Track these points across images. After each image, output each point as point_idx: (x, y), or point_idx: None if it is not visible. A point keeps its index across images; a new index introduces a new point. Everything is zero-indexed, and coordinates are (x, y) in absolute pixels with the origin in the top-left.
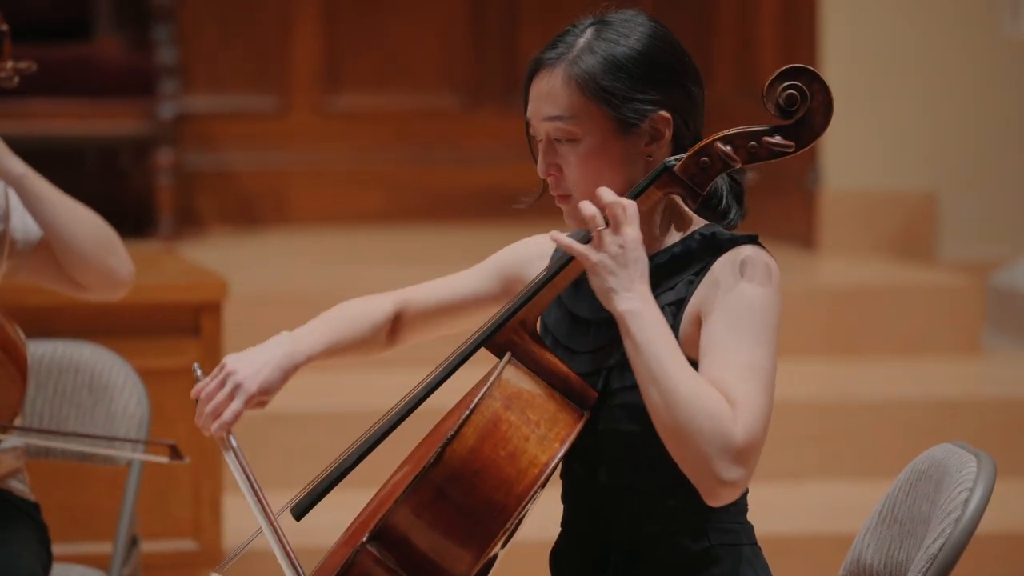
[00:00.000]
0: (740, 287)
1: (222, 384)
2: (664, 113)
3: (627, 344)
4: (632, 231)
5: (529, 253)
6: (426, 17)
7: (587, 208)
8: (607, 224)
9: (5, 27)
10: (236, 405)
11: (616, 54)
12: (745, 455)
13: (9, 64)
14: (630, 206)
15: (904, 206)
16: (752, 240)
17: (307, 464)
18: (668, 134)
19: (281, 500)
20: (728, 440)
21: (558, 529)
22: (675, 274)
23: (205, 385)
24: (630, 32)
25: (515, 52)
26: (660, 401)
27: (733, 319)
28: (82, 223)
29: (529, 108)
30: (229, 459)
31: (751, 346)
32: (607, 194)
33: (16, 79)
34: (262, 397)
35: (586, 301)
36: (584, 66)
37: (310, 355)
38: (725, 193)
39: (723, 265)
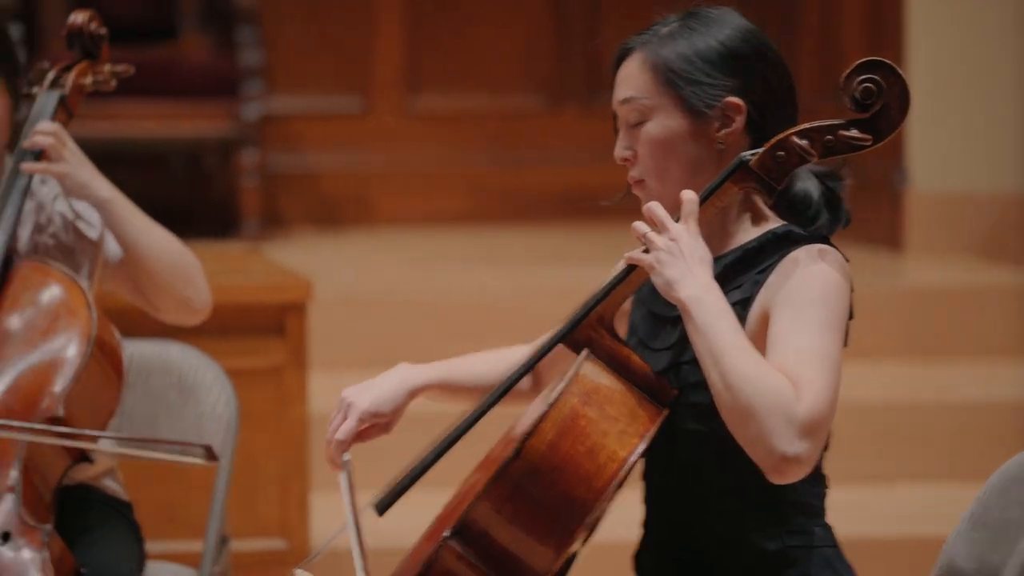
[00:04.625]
0: (805, 278)
1: (339, 411)
2: (735, 99)
3: (689, 329)
4: (679, 225)
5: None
6: (508, 17)
7: (636, 225)
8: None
9: (103, 31)
10: (348, 424)
11: (693, 40)
12: (809, 430)
13: (107, 68)
14: (688, 202)
15: (991, 207)
16: (823, 239)
17: (391, 462)
18: (740, 121)
19: (367, 497)
20: (790, 414)
21: (641, 530)
22: (744, 272)
23: (331, 421)
24: (713, 23)
25: (597, 52)
26: (721, 381)
27: (797, 308)
28: (163, 251)
29: (613, 94)
30: (341, 478)
31: (815, 333)
32: (655, 204)
33: (113, 82)
34: (377, 418)
35: (665, 299)
36: (660, 50)
37: (425, 380)
38: (816, 199)
39: (789, 261)
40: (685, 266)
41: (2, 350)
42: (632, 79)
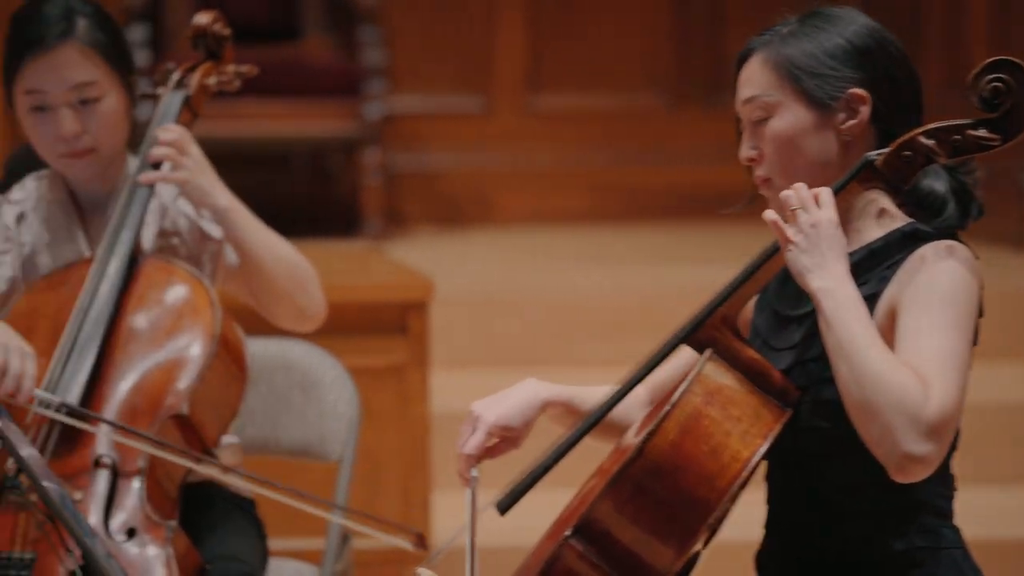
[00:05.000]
0: (933, 275)
1: (468, 424)
2: (859, 90)
3: (820, 321)
4: (825, 213)
5: None
6: (630, 17)
7: (783, 192)
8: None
9: (227, 32)
10: (476, 437)
11: (816, 37)
12: (935, 431)
13: (231, 68)
14: (824, 192)
15: None
16: (950, 235)
17: (513, 463)
18: (865, 112)
19: (490, 496)
20: (917, 413)
21: (763, 531)
22: (870, 269)
23: (460, 435)
24: (836, 21)
25: (720, 51)
26: (850, 375)
27: (926, 306)
28: (279, 260)
29: (736, 97)
30: (467, 495)
31: (944, 331)
32: (802, 185)
33: (237, 83)
34: (506, 432)
35: (792, 298)
36: (782, 48)
37: (554, 396)
38: (942, 193)
39: (917, 258)
40: (821, 255)
41: (128, 349)
42: (754, 78)
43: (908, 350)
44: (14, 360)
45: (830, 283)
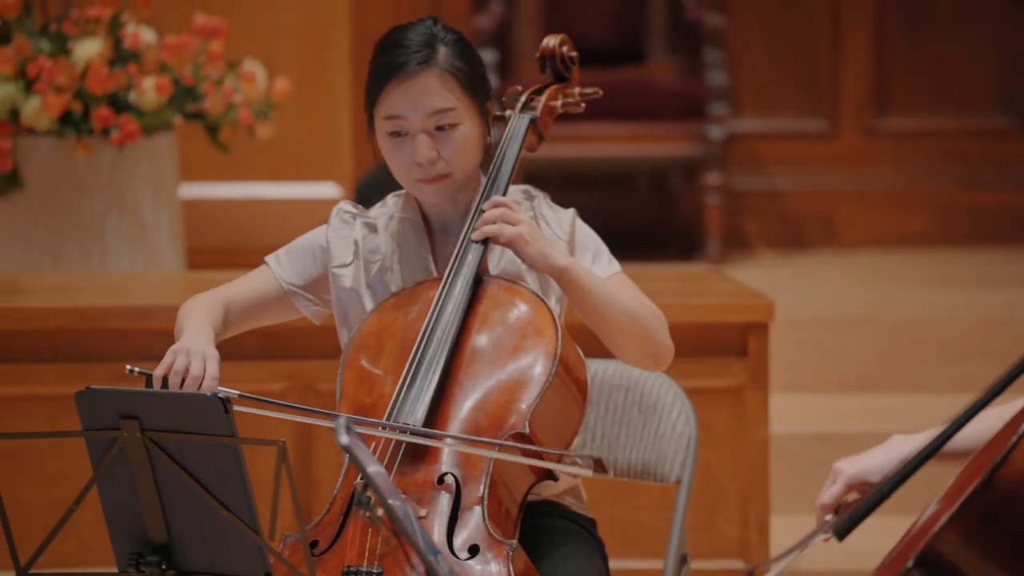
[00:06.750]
0: None
1: (831, 478)
2: None
3: None
4: None
5: None
6: (978, 36)
7: None
8: None
9: (575, 54)
10: (833, 489)
11: None
12: None
13: (576, 90)
14: None
15: None
16: None
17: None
18: None
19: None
20: None
21: None
22: None
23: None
24: None
25: None
26: None
27: None
28: (621, 313)
29: None
30: (816, 535)
31: None
32: None
33: (582, 105)
34: (863, 486)
35: None
36: None
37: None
38: None
39: None
40: None
41: (471, 368)
42: None
43: None
44: (196, 362)
45: None
